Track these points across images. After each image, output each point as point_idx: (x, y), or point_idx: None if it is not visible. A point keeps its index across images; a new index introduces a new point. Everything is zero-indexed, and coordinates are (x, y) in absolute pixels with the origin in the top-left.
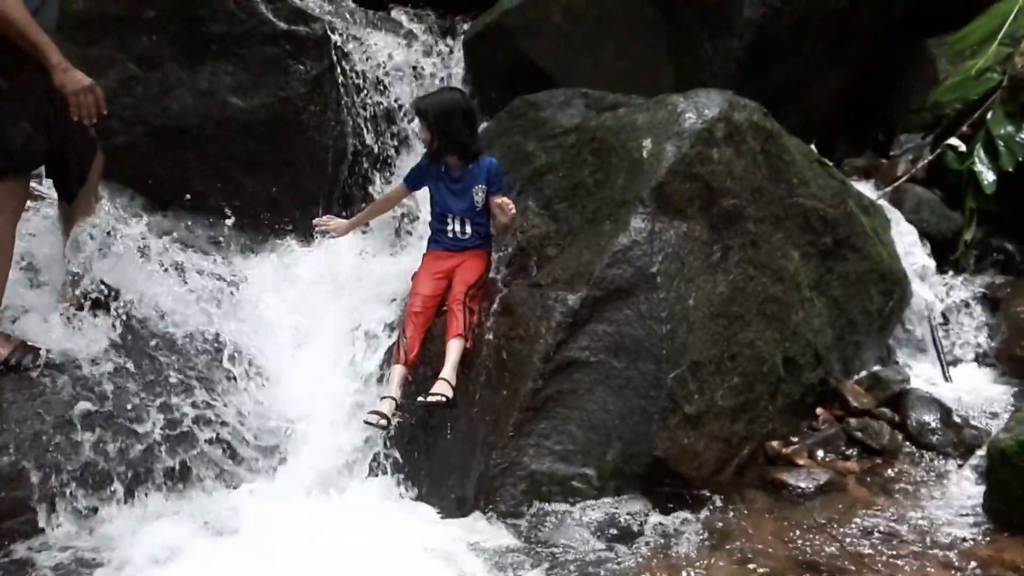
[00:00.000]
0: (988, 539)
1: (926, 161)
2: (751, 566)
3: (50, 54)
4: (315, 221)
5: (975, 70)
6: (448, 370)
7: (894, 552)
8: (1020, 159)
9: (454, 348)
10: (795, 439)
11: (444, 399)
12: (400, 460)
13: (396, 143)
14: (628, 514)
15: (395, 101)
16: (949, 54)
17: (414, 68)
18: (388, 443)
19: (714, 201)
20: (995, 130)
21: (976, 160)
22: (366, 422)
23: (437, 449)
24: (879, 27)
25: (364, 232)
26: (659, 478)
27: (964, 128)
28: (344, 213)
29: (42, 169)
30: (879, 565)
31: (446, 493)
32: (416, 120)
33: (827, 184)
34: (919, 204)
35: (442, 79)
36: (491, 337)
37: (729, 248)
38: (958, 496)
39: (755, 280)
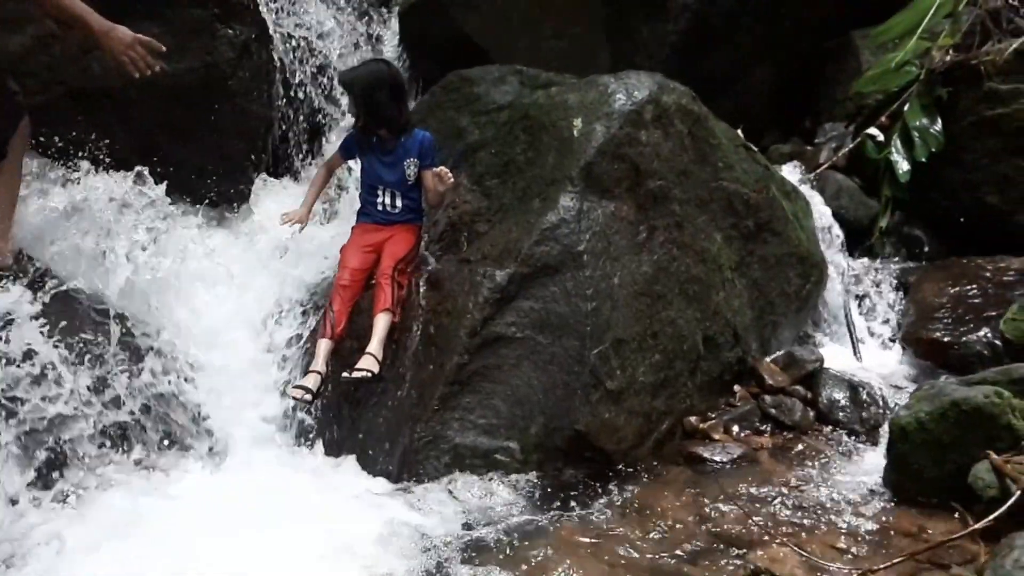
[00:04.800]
0: (887, 509)
1: (847, 149)
2: (666, 536)
3: (91, 22)
4: (280, 220)
5: (895, 63)
6: (375, 344)
7: (800, 521)
8: (933, 150)
9: (381, 322)
10: (713, 415)
11: (370, 374)
12: (325, 434)
13: (328, 112)
14: (549, 486)
15: (327, 69)
16: (872, 46)
17: (347, 36)
18: (313, 417)
19: (641, 182)
20: (911, 121)
21: (893, 150)
22: (292, 396)
23: (363, 423)
24: (810, 18)
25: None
26: (580, 452)
27: (883, 119)
28: (273, 180)
29: None
30: (785, 534)
31: (371, 466)
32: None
33: (751, 169)
34: (839, 191)
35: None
36: (419, 312)
37: (654, 229)
38: (862, 469)
39: (678, 260)
